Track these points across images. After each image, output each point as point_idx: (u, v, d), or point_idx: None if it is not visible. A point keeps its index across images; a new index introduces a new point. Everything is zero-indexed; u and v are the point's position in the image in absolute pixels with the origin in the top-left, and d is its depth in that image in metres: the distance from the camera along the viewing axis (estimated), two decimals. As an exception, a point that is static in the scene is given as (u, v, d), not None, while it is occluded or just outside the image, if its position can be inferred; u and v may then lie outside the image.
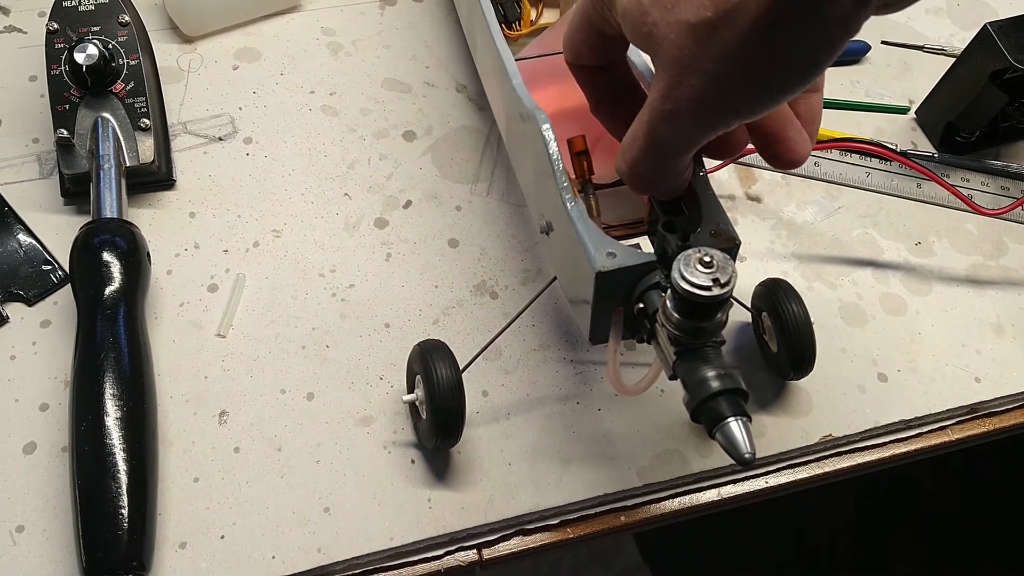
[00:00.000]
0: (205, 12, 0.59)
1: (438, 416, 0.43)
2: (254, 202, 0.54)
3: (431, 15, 0.63)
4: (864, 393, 0.51)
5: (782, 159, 0.39)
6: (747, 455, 0.35)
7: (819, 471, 0.51)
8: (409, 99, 0.59)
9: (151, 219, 0.53)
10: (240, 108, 0.58)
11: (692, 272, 0.35)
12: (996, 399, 0.52)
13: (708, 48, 0.30)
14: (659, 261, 0.39)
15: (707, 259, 0.35)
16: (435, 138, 0.58)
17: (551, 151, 0.42)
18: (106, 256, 0.47)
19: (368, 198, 0.55)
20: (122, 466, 0.42)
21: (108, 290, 0.46)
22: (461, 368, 0.44)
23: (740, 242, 0.40)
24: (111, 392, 0.44)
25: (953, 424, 0.52)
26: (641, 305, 0.39)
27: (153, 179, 0.53)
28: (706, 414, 0.36)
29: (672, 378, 0.38)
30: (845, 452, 0.51)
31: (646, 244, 0.46)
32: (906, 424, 0.51)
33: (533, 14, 0.55)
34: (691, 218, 0.38)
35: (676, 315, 0.37)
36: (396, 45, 0.62)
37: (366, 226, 0.54)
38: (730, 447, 0.36)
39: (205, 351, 0.49)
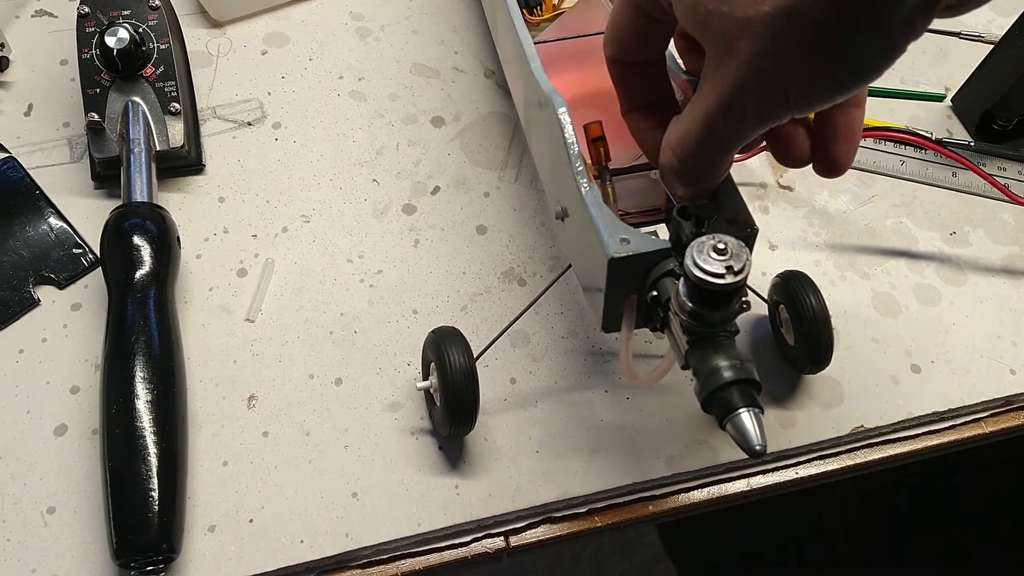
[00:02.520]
0: (234, -3, 0.59)
1: (451, 404, 0.43)
2: (283, 187, 0.54)
3: (459, 0, 0.63)
4: (897, 384, 0.51)
5: (828, 163, 0.38)
6: (758, 447, 0.34)
7: (850, 462, 0.50)
8: (438, 85, 0.59)
9: (181, 203, 0.53)
10: (269, 93, 0.58)
11: (705, 259, 0.35)
12: (1031, 391, 0.51)
13: (771, 41, 0.30)
14: (673, 248, 0.38)
15: (721, 246, 0.35)
16: (463, 124, 0.58)
17: (567, 135, 0.41)
18: (136, 240, 0.47)
19: (396, 184, 0.55)
20: (152, 449, 0.43)
21: (139, 274, 0.46)
22: (475, 356, 0.44)
23: (757, 229, 0.39)
24: (141, 375, 0.44)
25: (987, 416, 0.51)
26: (654, 293, 0.39)
27: (183, 163, 0.53)
28: (717, 404, 0.36)
29: (684, 367, 0.38)
30: (876, 444, 0.50)
31: (664, 232, 0.45)
32: (939, 416, 0.51)
33: (557, -2, 0.54)
34: (708, 205, 0.38)
35: (689, 303, 0.36)
36: (424, 30, 0.61)
37: (394, 212, 0.54)
38: (740, 439, 0.35)
39: (234, 335, 0.49)
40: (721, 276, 0.34)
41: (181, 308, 0.50)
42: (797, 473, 0.49)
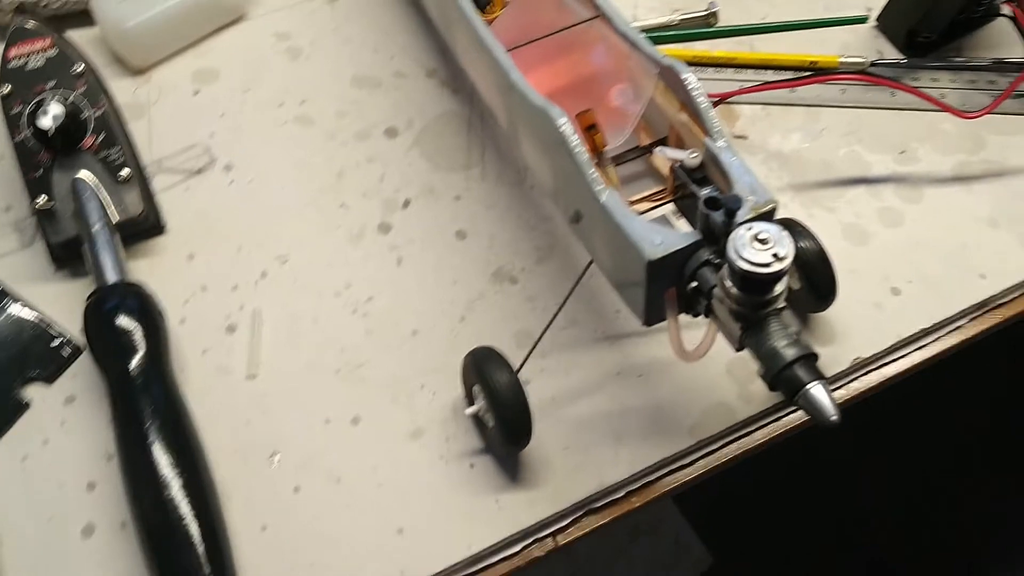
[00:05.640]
0: (151, 39, 0.56)
1: (506, 423, 0.43)
2: (251, 231, 0.53)
3: (384, 1, 0.61)
4: (882, 310, 0.53)
5: None
6: (833, 417, 0.36)
7: (854, 392, 0.52)
8: (382, 94, 0.58)
9: (150, 270, 0.51)
10: (212, 134, 0.55)
11: (750, 252, 0.36)
12: (1003, 291, 0.54)
13: None
14: (705, 238, 0.39)
15: (763, 236, 0.36)
16: (417, 130, 0.57)
17: (573, 147, 0.41)
18: (121, 324, 0.45)
19: (365, 205, 0.54)
20: (194, 533, 0.42)
21: (134, 359, 0.45)
22: (515, 370, 0.44)
23: (777, 202, 0.41)
24: (164, 461, 0.43)
25: (968, 323, 0.54)
26: (695, 284, 0.40)
27: (143, 229, 0.51)
28: (784, 383, 0.37)
29: (739, 350, 0.39)
30: (873, 370, 0.53)
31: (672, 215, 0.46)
32: (925, 332, 0.53)
33: (501, -10, 0.53)
34: (734, 195, 0.39)
35: (738, 292, 0.37)
36: (355, 38, 0.59)
37: (370, 234, 0.53)
38: (816, 412, 0.37)
39: (240, 395, 0.48)
40: (769, 265, 0.35)
41: (178, 378, 0.48)
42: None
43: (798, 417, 0.51)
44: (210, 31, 0.58)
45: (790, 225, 0.50)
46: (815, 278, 0.49)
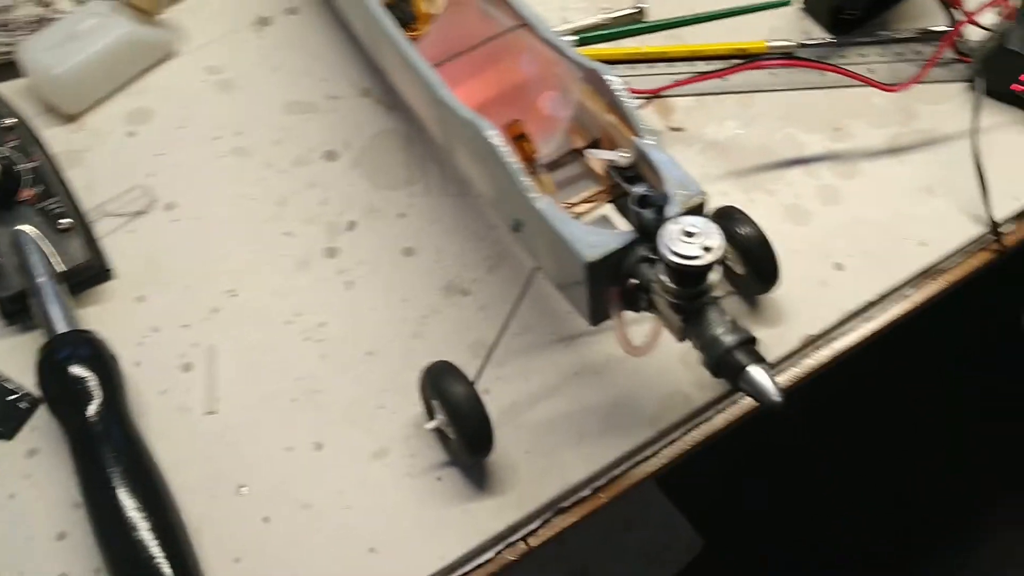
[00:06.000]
0: (81, 84, 0.56)
1: (467, 434, 0.44)
2: (198, 268, 0.53)
3: (311, 25, 0.61)
4: (827, 287, 0.54)
5: None
6: (776, 398, 0.37)
7: (808, 369, 0.53)
8: (317, 118, 0.58)
9: (101, 316, 0.51)
10: (150, 175, 0.56)
11: (679, 245, 0.37)
12: (944, 256, 0.55)
13: None
14: (640, 235, 0.40)
15: (691, 229, 0.37)
16: (356, 151, 0.57)
17: (506, 159, 0.42)
18: (75, 373, 0.45)
19: (310, 231, 0.54)
20: (168, 574, 0.42)
21: (90, 406, 0.45)
22: (472, 381, 0.44)
23: (707, 195, 0.41)
24: (132, 504, 0.43)
25: (913, 291, 0.55)
26: (634, 281, 0.41)
27: (90, 276, 0.51)
28: (726, 369, 0.38)
29: (681, 340, 0.40)
30: (824, 345, 0.54)
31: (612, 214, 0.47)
32: (871, 304, 0.54)
33: (425, 7, 0.54)
34: (662, 191, 0.39)
35: (673, 286, 0.38)
36: (286, 65, 0.60)
37: (317, 260, 0.54)
38: (757, 394, 0.38)
39: (201, 431, 0.49)
40: (698, 257, 0.36)
41: (138, 421, 0.48)
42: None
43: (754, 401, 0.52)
44: (140, 71, 0.58)
45: (729, 213, 0.51)
46: (758, 263, 0.50)
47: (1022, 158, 0.58)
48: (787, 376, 0.52)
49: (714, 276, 0.38)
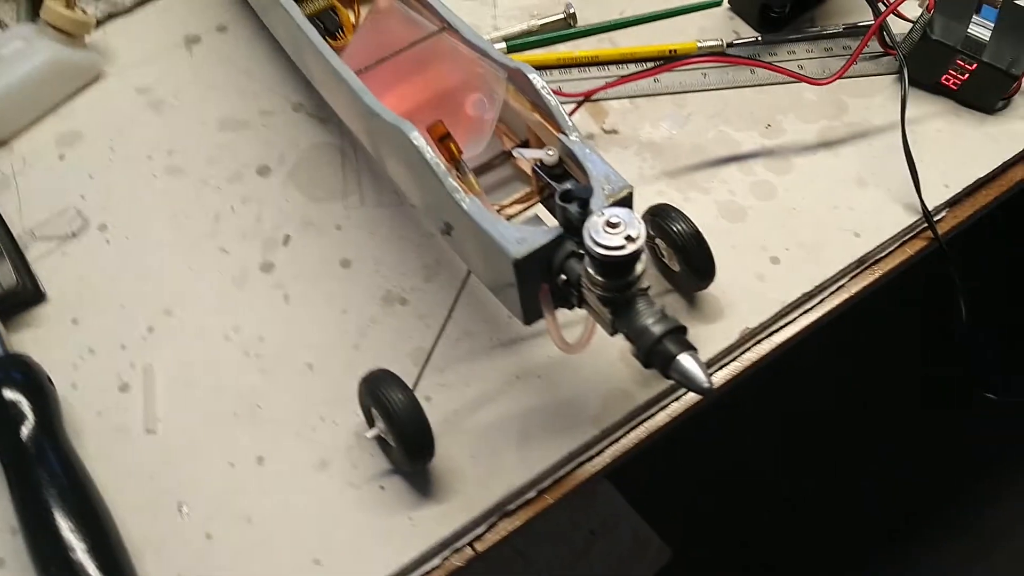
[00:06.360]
0: (7, 109, 0.56)
1: (407, 440, 0.44)
2: (133, 288, 0.53)
3: (241, 41, 0.61)
4: (764, 280, 0.54)
5: None
6: (706, 384, 0.38)
7: (748, 363, 0.53)
8: (250, 133, 0.58)
9: (35, 340, 0.51)
10: (82, 197, 0.55)
11: (603, 236, 0.37)
12: (877, 246, 0.56)
13: None
14: (566, 231, 0.40)
15: (613, 220, 0.37)
16: (290, 165, 0.57)
17: (429, 159, 0.42)
18: (8, 397, 0.45)
19: (245, 246, 0.54)
20: (105, 598, 0.42)
21: (24, 431, 0.44)
22: (411, 387, 0.44)
23: (632, 187, 0.42)
24: (68, 527, 0.43)
25: (848, 281, 0.56)
26: (564, 277, 0.41)
27: (22, 300, 0.50)
28: (657, 358, 0.39)
29: (613, 334, 0.40)
30: (764, 339, 0.54)
31: (542, 212, 0.47)
32: (808, 295, 0.55)
33: (351, 16, 0.54)
34: (585, 185, 0.40)
35: (600, 278, 0.38)
36: (218, 83, 0.60)
37: (254, 275, 0.53)
38: (688, 381, 0.38)
39: (141, 452, 0.48)
40: (622, 247, 0.37)
41: (75, 442, 0.48)
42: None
43: (693, 397, 0.52)
44: (68, 94, 0.58)
45: (663, 210, 0.51)
46: (692, 258, 0.50)
47: (951, 147, 0.59)
48: (728, 370, 0.53)
49: (640, 267, 0.39)
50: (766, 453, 1.16)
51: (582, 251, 0.40)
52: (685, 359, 0.38)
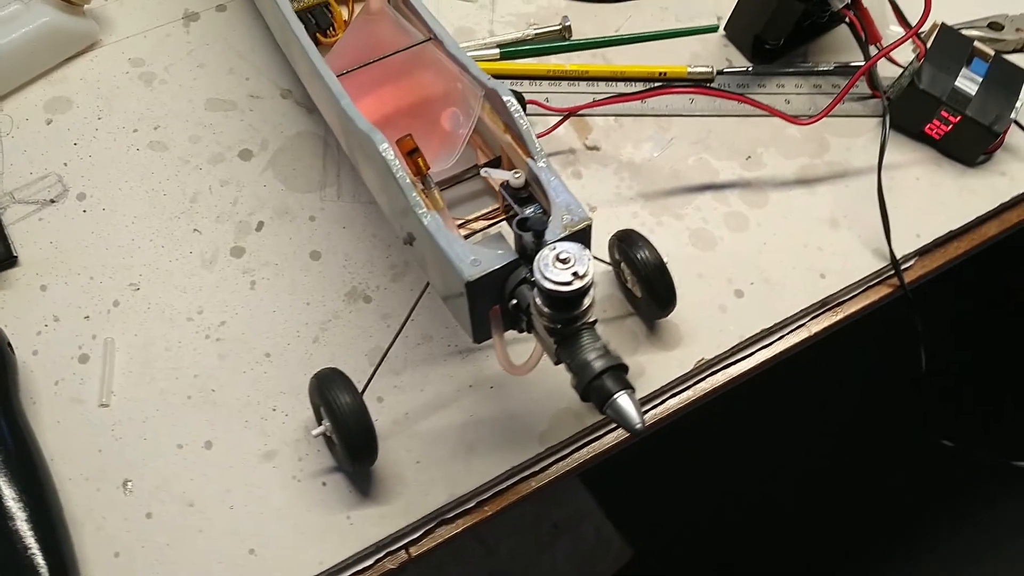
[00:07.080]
0: (1, 70, 0.56)
1: (349, 443, 0.45)
2: (104, 260, 0.53)
3: (239, 23, 0.62)
4: (725, 312, 0.55)
5: None
6: (638, 425, 0.39)
7: (701, 392, 0.54)
8: (236, 116, 0.58)
9: (2, 303, 0.51)
10: (65, 164, 0.56)
11: (551, 271, 0.38)
12: (842, 289, 0.57)
13: None
14: (521, 257, 0.41)
15: (563, 256, 0.38)
16: (272, 151, 0.57)
17: (395, 170, 0.42)
18: (-35, 359, 0.46)
19: (219, 228, 0.55)
20: (41, 563, 0.43)
21: (-23, 394, 0.45)
22: (360, 390, 0.45)
23: (591, 220, 0.42)
24: (9, 494, 0.44)
25: (809, 320, 0.57)
26: (515, 301, 0.42)
27: (-8, 262, 0.51)
28: (594, 393, 0.39)
29: (557, 363, 0.41)
30: (719, 370, 0.55)
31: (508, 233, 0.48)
32: (767, 332, 0.55)
33: (345, 13, 0.54)
34: (542, 215, 0.40)
35: (547, 310, 0.39)
36: (210, 62, 0.60)
37: (223, 258, 0.54)
38: (622, 420, 0.39)
39: (92, 424, 0.49)
40: (568, 283, 0.37)
41: (30, 409, 0.49)
42: (655, 414, 0.53)
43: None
44: (63, 59, 0.58)
45: (629, 236, 0.52)
46: (654, 287, 0.51)
47: (929, 196, 0.59)
48: (680, 399, 0.54)
49: (588, 300, 0.39)
50: (739, 463, 1.17)
51: (534, 279, 0.41)
52: (622, 398, 0.39)
